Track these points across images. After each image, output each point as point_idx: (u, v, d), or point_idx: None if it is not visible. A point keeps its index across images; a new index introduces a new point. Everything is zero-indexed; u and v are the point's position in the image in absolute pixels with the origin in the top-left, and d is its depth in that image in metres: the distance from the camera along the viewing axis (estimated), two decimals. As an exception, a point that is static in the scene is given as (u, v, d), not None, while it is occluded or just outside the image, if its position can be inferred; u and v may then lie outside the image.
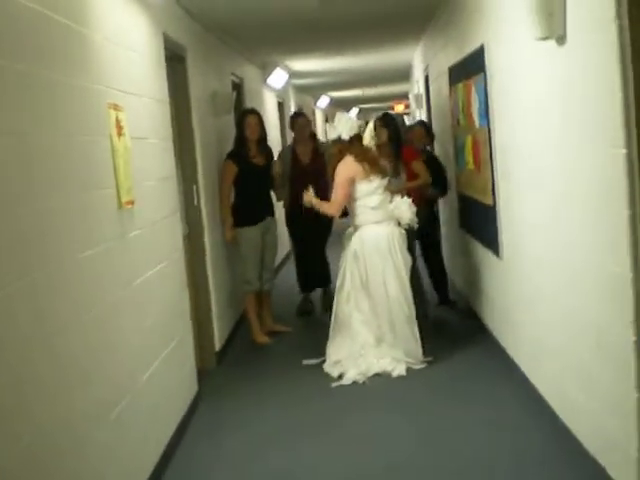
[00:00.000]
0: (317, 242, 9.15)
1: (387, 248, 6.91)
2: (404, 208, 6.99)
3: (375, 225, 6.98)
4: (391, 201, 7.04)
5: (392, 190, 7.24)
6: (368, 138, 8.86)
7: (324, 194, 7.45)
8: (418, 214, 7.21)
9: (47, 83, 3.70)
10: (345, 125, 7.07)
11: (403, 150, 7.99)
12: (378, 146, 7.90)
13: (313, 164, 9.00)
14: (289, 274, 9.25)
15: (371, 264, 6.95)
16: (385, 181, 7.09)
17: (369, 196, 6.99)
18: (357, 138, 7.17)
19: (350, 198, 7.03)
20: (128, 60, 5.18)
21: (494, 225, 6.59)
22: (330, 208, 7.11)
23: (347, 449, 5.30)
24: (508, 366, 6.39)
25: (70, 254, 3.79)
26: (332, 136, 7.16)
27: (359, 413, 5.98)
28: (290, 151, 9.09)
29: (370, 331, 6.96)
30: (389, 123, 8.11)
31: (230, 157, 8.20)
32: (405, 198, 7.07)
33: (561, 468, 4.63)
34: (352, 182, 6.98)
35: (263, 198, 8.33)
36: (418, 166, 7.96)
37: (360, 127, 7.30)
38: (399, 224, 7.04)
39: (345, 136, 7.05)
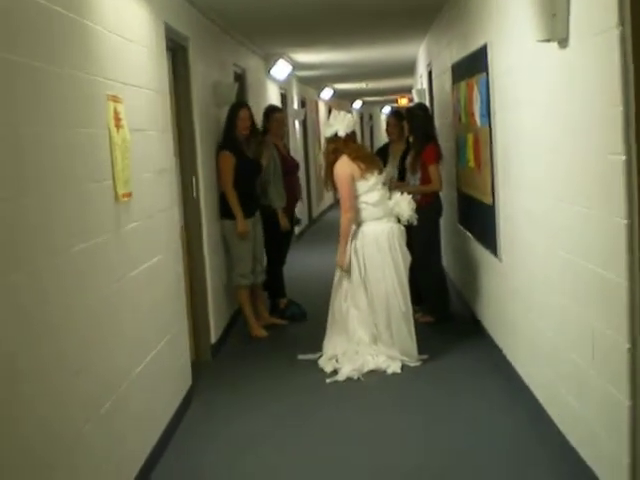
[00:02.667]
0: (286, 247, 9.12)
1: (387, 245, 6.93)
2: (404, 205, 7.01)
3: (376, 221, 6.99)
4: (390, 197, 7.05)
5: (402, 188, 7.39)
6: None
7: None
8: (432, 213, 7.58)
9: (45, 74, 3.67)
10: (342, 122, 7.08)
11: (426, 148, 7.98)
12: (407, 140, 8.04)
13: (292, 160, 9.34)
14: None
15: (370, 260, 6.95)
16: (382, 177, 7.10)
17: (368, 193, 6.99)
18: (352, 136, 7.17)
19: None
20: (128, 51, 5.15)
21: (493, 225, 6.57)
22: (344, 213, 7.04)
23: (338, 446, 5.29)
24: (504, 367, 6.38)
25: (65, 247, 3.78)
26: (328, 133, 7.17)
27: (352, 410, 5.98)
28: (272, 146, 8.78)
29: (366, 329, 6.98)
30: (413, 119, 8.13)
31: (226, 148, 8.11)
32: (405, 195, 7.08)
33: (552, 472, 4.63)
34: (353, 179, 6.97)
35: (254, 192, 8.29)
36: (433, 171, 7.93)
37: (355, 124, 7.29)
38: (399, 221, 7.04)
39: (342, 133, 7.05)
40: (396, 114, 9.11)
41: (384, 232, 6.95)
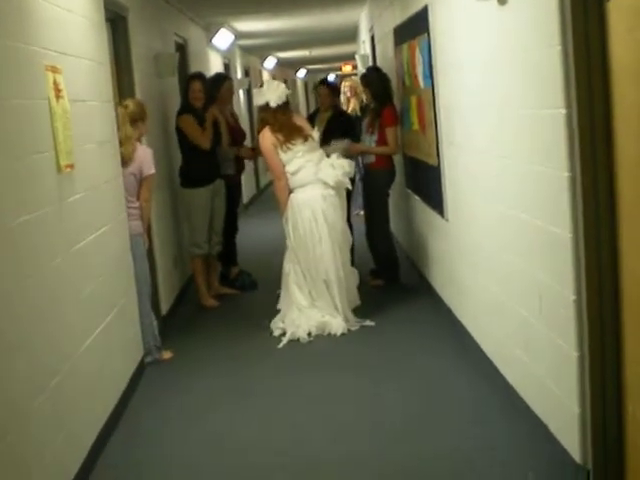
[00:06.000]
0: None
1: (309, 213, 6.98)
2: (328, 171, 7.01)
3: (301, 190, 7.04)
4: (322, 162, 7.08)
5: (357, 148, 7.77)
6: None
7: None
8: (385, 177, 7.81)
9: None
10: (274, 92, 7.10)
11: (385, 110, 7.98)
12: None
13: (240, 129, 9.36)
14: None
15: (295, 229, 7.02)
16: (307, 145, 7.09)
17: (288, 163, 7.06)
18: (284, 107, 7.17)
19: None
20: (66, 21, 5.07)
21: (439, 186, 6.60)
22: (276, 181, 7.22)
23: (291, 410, 5.33)
24: (454, 326, 6.43)
25: (11, 218, 3.74)
26: (259, 102, 7.19)
27: (304, 374, 6.02)
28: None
29: (302, 292, 7.04)
30: (369, 83, 8.13)
31: (185, 112, 8.08)
32: (330, 159, 7.10)
33: (504, 425, 4.69)
34: (275, 149, 7.06)
35: (212, 159, 8.23)
36: (390, 134, 7.93)
37: (288, 95, 7.27)
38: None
39: (273, 104, 7.06)
40: (326, 83, 9.18)
41: (307, 200, 6.99)
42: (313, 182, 7.02)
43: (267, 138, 7.10)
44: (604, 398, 3.73)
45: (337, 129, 8.20)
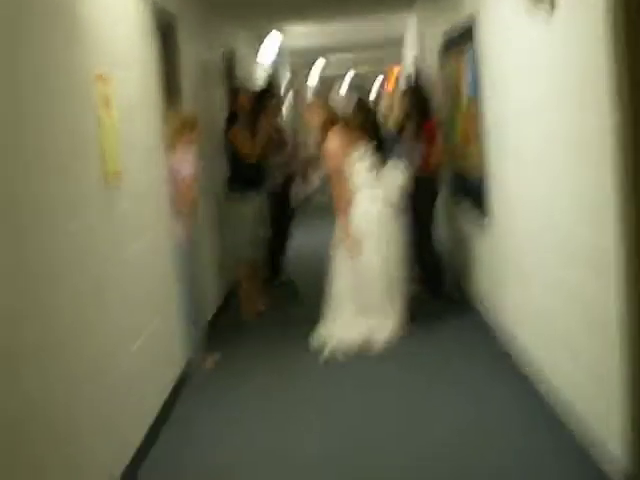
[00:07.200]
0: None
1: (374, 221, 6.92)
2: (389, 180, 6.98)
3: (363, 196, 6.95)
4: (378, 172, 7.03)
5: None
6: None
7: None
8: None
9: (33, 55, 3.66)
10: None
11: (426, 123, 7.95)
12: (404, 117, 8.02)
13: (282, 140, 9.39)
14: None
15: (358, 232, 6.92)
16: (369, 148, 7.05)
17: (357, 164, 6.95)
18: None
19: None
20: (115, 30, 5.11)
21: (486, 197, 6.57)
22: (338, 203, 7.01)
23: (332, 427, 5.25)
24: (496, 336, 6.41)
25: (58, 225, 3.79)
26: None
27: (345, 389, 5.93)
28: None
29: (352, 303, 6.96)
30: (411, 96, 8.16)
31: (234, 123, 8.09)
32: (392, 169, 7.07)
33: (547, 440, 4.63)
34: (342, 163, 6.93)
35: (259, 168, 8.23)
36: (436, 145, 7.92)
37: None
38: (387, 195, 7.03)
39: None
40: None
41: (371, 208, 6.93)
42: (372, 187, 6.98)
43: (338, 147, 6.96)
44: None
45: None
